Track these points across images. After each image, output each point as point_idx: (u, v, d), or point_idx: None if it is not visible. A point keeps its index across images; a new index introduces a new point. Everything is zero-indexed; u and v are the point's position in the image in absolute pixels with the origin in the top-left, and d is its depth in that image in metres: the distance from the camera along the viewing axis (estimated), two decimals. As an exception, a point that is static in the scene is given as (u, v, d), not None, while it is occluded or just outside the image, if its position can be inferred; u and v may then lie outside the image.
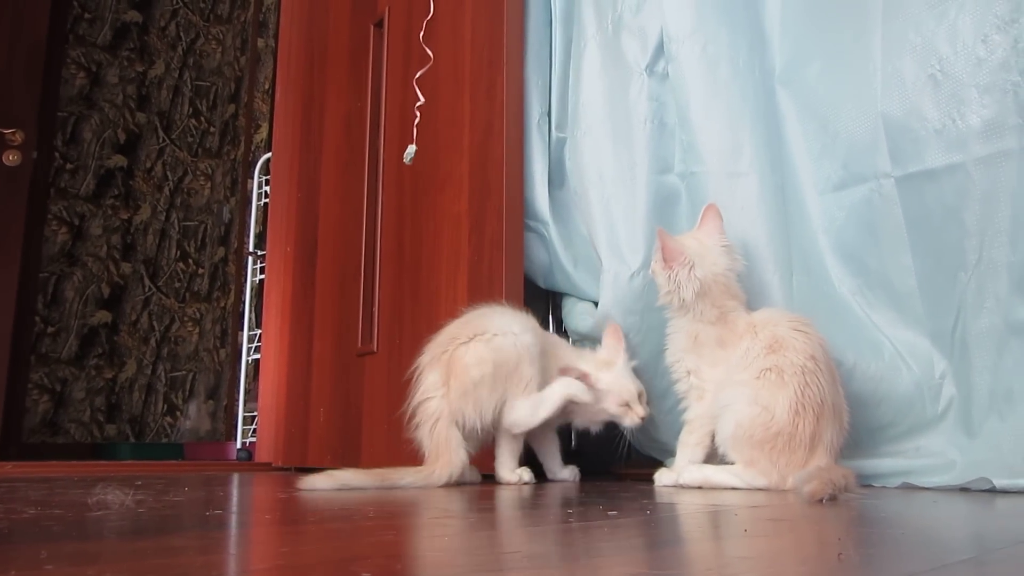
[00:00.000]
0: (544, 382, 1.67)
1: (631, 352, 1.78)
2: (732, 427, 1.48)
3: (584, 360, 1.76)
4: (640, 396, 1.71)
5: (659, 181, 1.91)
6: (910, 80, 1.58)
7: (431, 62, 2.19)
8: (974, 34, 1.49)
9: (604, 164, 1.98)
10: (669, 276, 1.61)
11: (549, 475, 1.83)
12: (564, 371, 1.69)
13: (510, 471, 1.70)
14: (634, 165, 1.92)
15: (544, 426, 1.72)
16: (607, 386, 1.69)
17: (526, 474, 1.71)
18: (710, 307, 1.60)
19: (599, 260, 1.95)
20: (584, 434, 1.84)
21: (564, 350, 1.81)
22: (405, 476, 1.53)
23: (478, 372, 1.60)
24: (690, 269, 1.60)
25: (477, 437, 1.66)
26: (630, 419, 1.68)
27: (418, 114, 2.18)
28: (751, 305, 1.66)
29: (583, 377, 1.68)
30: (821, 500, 1.19)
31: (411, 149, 2.12)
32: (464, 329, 1.67)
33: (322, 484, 1.46)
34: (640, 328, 1.85)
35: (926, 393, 1.58)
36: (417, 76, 2.20)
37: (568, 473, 1.82)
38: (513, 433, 1.68)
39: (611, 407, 1.69)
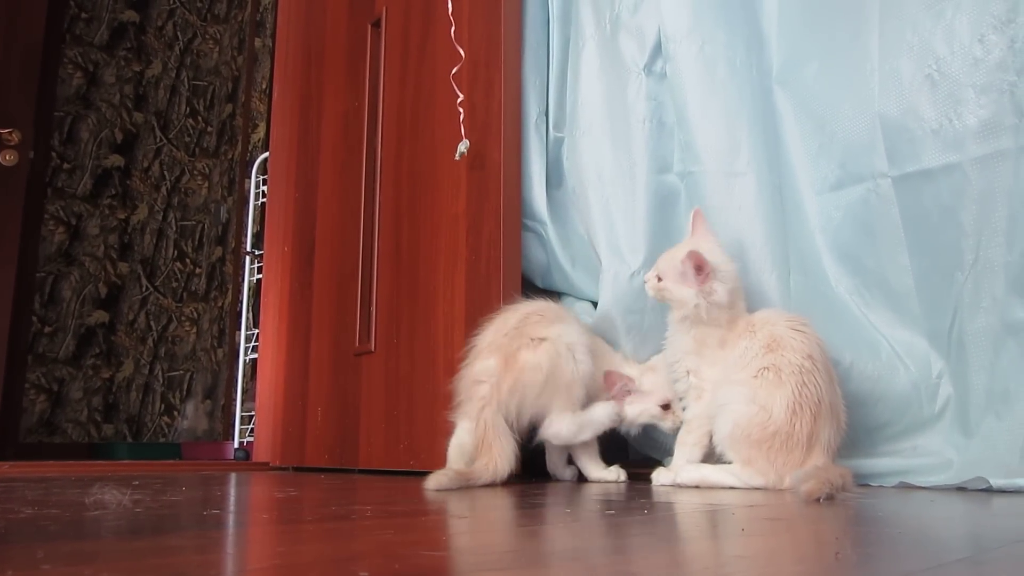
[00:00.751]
0: (592, 385, 1.72)
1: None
2: (730, 427, 1.48)
3: (629, 366, 1.80)
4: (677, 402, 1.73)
5: (658, 181, 1.91)
6: (907, 80, 1.58)
7: (463, 59, 2.17)
8: (971, 34, 1.50)
9: (603, 164, 1.97)
10: (698, 290, 1.57)
11: (551, 471, 1.84)
12: (609, 375, 1.73)
13: (600, 470, 1.78)
14: (633, 165, 1.92)
15: None
16: (651, 386, 1.73)
17: (621, 473, 1.77)
18: (727, 311, 1.59)
19: (598, 260, 1.95)
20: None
21: (611, 355, 1.83)
22: (483, 474, 1.56)
23: (532, 376, 1.64)
24: (718, 279, 1.58)
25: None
26: (671, 421, 1.71)
27: (461, 111, 2.15)
28: (749, 305, 1.67)
29: (628, 383, 1.72)
30: (818, 499, 1.19)
31: (464, 143, 2.11)
32: (531, 327, 1.69)
33: (448, 483, 1.49)
34: (641, 328, 1.85)
35: (923, 393, 1.59)
36: (453, 72, 2.18)
37: (569, 473, 1.83)
38: (553, 444, 1.74)
39: (652, 408, 1.71)
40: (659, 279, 1.64)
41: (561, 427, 1.66)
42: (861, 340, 1.65)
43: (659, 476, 1.61)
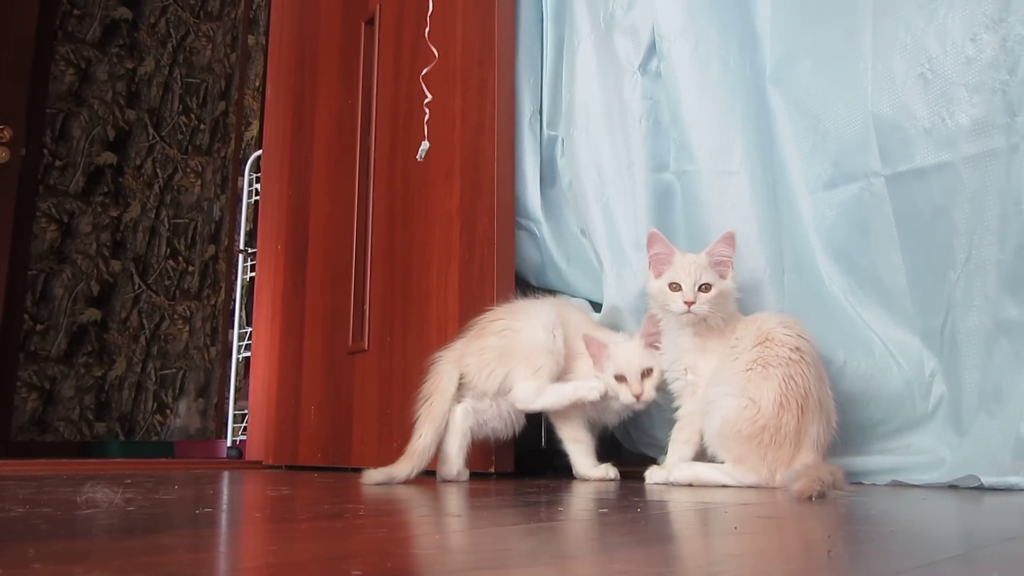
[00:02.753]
0: (568, 358, 1.77)
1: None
2: (718, 423, 1.49)
3: (609, 336, 1.79)
4: (645, 373, 1.68)
5: (656, 179, 1.91)
6: (900, 79, 1.58)
7: (436, 59, 2.18)
8: (963, 33, 1.50)
9: (602, 163, 1.97)
10: (732, 275, 1.63)
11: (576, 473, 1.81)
12: (587, 340, 1.73)
13: (591, 468, 1.76)
14: (632, 164, 1.92)
15: (575, 421, 1.77)
16: (610, 356, 1.70)
17: (612, 471, 1.74)
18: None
19: (599, 259, 1.95)
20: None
21: (597, 333, 1.83)
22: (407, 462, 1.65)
23: (493, 341, 1.73)
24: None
25: (480, 416, 1.75)
26: (624, 394, 1.68)
27: (427, 111, 2.17)
28: (744, 305, 1.68)
29: (600, 349, 1.71)
30: (810, 497, 1.19)
31: (425, 146, 2.12)
32: (505, 310, 1.81)
33: (382, 478, 1.60)
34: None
35: (916, 391, 1.59)
36: (424, 73, 2.19)
37: (597, 473, 1.78)
38: (517, 408, 1.75)
39: (609, 379, 1.70)
40: (707, 288, 1.58)
41: (520, 392, 1.71)
42: (854, 338, 1.65)
43: (652, 474, 1.61)
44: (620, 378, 1.68)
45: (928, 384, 1.59)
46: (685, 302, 1.57)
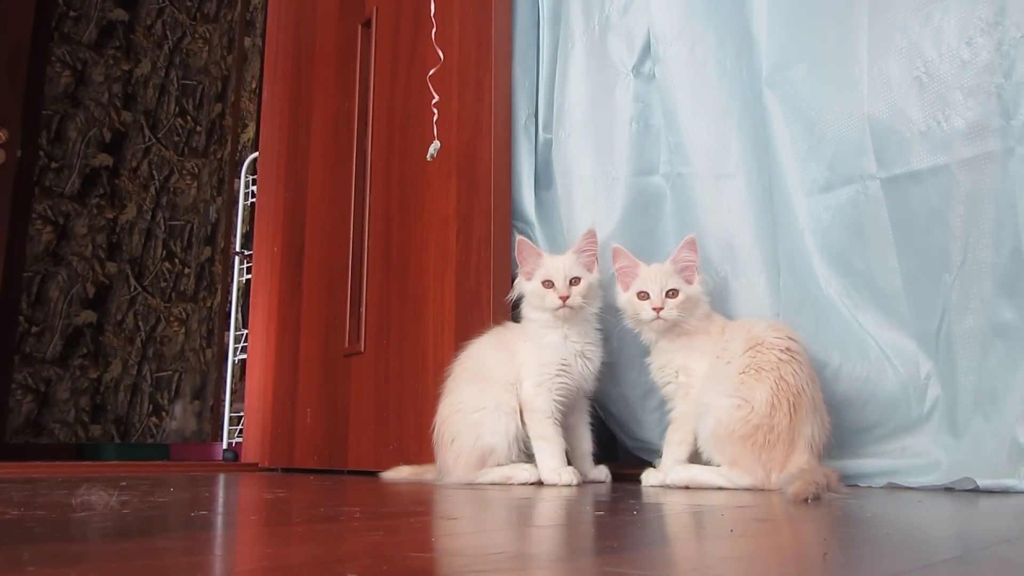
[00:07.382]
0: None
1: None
2: (712, 424, 1.49)
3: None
4: (573, 281, 1.70)
5: (642, 183, 1.92)
6: (896, 82, 1.59)
7: (441, 61, 2.18)
8: (958, 37, 1.50)
9: (587, 165, 1.98)
10: (700, 279, 1.66)
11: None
12: (522, 247, 1.75)
13: (549, 471, 1.67)
14: (615, 166, 1.93)
15: (541, 414, 1.73)
16: (542, 264, 1.74)
17: (576, 476, 1.66)
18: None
19: None
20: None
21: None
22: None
23: (443, 456, 1.78)
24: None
25: None
26: (550, 298, 1.69)
27: (436, 111, 2.17)
28: (738, 308, 1.68)
29: (536, 259, 1.75)
30: (806, 500, 1.19)
31: (435, 145, 2.13)
32: (457, 390, 1.78)
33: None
34: (619, 328, 1.84)
35: (911, 394, 1.59)
36: (430, 74, 2.19)
37: (599, 473, 1.78)
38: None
39: (536, 286, 1.72)
40: (674, 293, 1.62)
41: (459, 473, 1.71)
42: (850, 341, 1.66)
43: (648, 477, 1.61)
44: (548, 283, 1.71)
45: (923, 387, 1.59)
46: (654, 308, 1.62)
